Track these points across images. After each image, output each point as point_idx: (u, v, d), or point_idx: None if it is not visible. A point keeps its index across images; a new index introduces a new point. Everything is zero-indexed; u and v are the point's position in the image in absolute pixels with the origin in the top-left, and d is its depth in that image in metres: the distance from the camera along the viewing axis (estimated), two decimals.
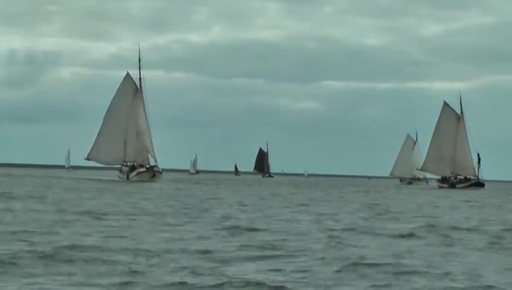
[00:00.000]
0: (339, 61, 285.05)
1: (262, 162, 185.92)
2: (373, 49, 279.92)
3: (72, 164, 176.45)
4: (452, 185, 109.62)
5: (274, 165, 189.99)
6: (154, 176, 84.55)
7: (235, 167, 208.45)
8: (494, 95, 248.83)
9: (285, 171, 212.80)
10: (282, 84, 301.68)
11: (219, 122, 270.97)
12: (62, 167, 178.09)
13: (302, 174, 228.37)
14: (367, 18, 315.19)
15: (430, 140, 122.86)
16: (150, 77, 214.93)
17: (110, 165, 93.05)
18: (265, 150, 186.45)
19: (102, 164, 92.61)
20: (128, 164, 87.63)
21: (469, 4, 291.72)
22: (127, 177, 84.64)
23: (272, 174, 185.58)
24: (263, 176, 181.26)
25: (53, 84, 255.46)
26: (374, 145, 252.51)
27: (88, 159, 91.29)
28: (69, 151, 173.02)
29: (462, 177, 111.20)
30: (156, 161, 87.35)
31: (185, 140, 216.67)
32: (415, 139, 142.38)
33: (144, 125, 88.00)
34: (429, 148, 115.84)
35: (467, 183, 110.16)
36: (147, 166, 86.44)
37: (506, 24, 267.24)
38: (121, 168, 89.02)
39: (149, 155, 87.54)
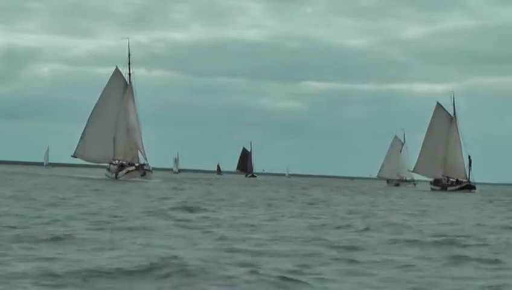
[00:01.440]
0: (321, 61, 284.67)
1: (245, 162, 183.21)
2: (355, 50, 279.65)
3: (51, 161, 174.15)
4: (444, 188, 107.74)
5: (256, 165, 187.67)
6: (144, 174, 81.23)
7: (218, 166, 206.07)
8: (476, 97, 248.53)
9: (266, 171, 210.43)
10: (264, 83, 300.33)
11: (200, 121, 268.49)
12: (41, 164, 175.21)
13: (284, 174, 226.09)
14: (349, 19, 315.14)
15: (415, 141, 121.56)
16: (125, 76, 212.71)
17: (98, 163, 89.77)
18: (249, 150, 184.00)
19: (89, 161, 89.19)
20: (117, 162, 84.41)
21: (451, 7, 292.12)
22: (116, 176, 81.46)
23: (255, 174, 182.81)
24: (246, 176, 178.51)
25: (32, 80, 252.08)
26: (356, 146, 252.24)
27: (74, 156, 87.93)
28: (47, 149, 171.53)
29: (454, 179, 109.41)
30: (146, 159, 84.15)
31: (166, 138, 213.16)
32: (403, 141, 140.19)
33: (134, 122, 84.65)
34: (421, 150, 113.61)
35: (458, 186, 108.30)
36: (137, 164, 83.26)
37: (487, 27, 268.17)
38: (109, 166, 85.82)
39: (139, 153, 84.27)
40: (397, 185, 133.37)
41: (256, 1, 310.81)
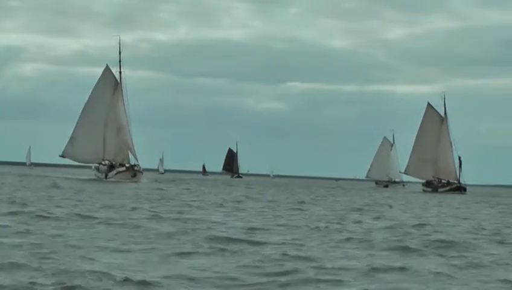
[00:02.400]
0: (305, 62, 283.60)
1: (231, 162, 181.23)
2: (338, 51, 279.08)
3: (33, 161, 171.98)
4: (436, 189, 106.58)
5: (241, 166, 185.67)
6: (135, 175, 78.75)
7: (203, 166, 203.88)
8: (458, 98, 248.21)
9: (250, 172, 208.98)
10: (248, 84, 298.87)
11: (184, 122, 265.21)
12: (23, 164, 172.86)
13: (268, 175, 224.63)
14: (333, 20, 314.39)
15: (399, 142, 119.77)
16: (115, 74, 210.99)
17: (87, 163, 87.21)
18: (235, 150, 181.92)
19: (78, 162, 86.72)
20: (106, 162, 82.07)
21: (434, 8, 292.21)
22: (106, 177, 79.22)
23: (241, 175, 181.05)
24: (232, 177, 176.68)
25: (15, 80, 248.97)
26: (340, 147, 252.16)
27: (63, 156, 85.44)
28: (29, 148, 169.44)
29: (445, 181, 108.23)
30: (136, 159, 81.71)
31: (150, 139, 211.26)
32: (392, 142, 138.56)
33: (124, 120, 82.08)
34: (412, 151, 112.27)
35: (448, 188, 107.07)
36: (127, 165, 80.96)
37: (469, 29, 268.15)
38: (98, 166, 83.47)
39: (129, 153, 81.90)
40: (386, 186, 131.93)
41: (240, 2, 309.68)
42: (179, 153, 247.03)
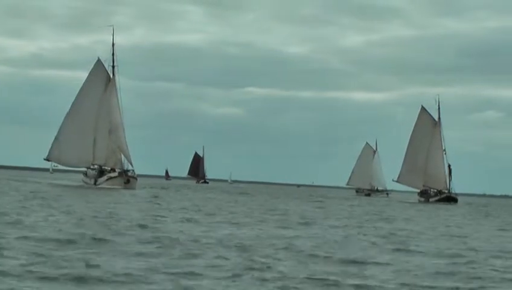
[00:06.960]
0: (261, 68, 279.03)
1: (197, 167, 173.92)
2: (294, 57, 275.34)
3: None
4: (428, 199, 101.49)
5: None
6: (128, 182, 70.71)
7: (166, 171, 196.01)
8: (414, 107, 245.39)
9: (208, 177, 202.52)
10: (203, 89, 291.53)
11: (141, 126, 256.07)
12: None
13: (226, 181, 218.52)
14: (289, 26, 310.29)
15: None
16: (69, 77, 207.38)
17: (75, 167, 78.51)
18: (201, 155, 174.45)
19: (65, 166, 78.02)
20: (96, 166, 73.72)
21: (390, 16, 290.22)
22: (95, 183, 71.00)
23: (207, 180, 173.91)
24: (197, 182, 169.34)
25: None
26: (298, 153, 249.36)
27: (48, 159, 76.74)
28: None
29: (436, 190, 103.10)
30: (131, 163, 73.24)
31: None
32: (375, 148, 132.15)
33: (118, 119, 73.54)
34: (404, 159, 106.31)
35: (437, 197, 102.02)
36: (118, 170, 72.66)
37: (425, 37, 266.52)
38: (85, 171, 75.04)
39: (122, 157, 73.63)
40: (368, 195, 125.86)
41: (197, 6, 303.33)
42: (138, 157, 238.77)
